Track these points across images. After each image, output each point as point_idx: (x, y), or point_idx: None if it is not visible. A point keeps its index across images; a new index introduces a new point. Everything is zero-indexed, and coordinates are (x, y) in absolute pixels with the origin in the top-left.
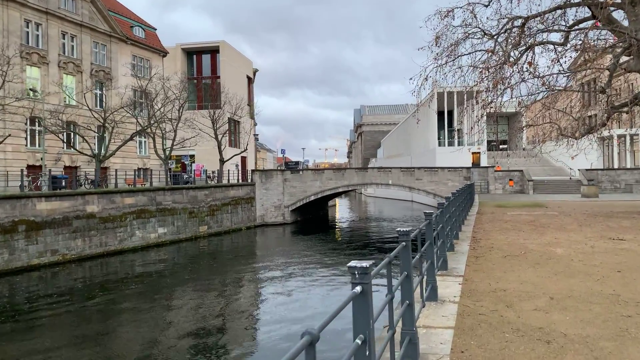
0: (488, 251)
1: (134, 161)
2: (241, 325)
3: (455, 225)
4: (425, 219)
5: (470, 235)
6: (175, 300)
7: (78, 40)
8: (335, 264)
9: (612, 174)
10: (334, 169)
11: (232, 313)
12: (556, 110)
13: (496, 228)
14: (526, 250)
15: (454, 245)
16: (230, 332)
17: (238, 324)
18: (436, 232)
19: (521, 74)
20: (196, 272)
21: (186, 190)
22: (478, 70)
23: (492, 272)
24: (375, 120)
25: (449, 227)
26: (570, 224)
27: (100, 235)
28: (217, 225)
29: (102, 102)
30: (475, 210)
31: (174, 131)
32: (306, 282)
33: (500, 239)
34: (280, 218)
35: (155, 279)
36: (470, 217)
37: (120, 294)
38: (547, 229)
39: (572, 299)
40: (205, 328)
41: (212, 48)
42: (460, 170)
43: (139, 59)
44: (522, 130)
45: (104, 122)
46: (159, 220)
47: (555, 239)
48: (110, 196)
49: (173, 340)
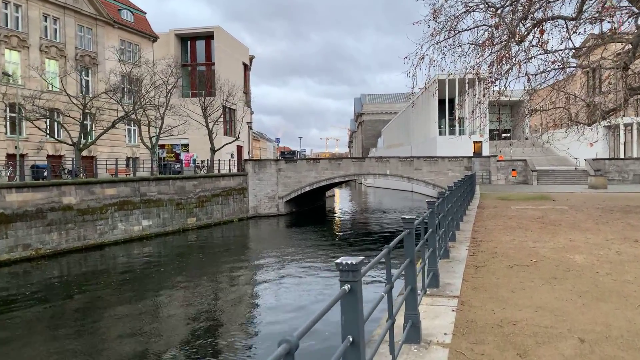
0: (491, 258)
1: (123, 150)
2: (230, 324)
3: (451, 225)
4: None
5: (470, 235)
6: (160, 297)
7: (61, 23)
8: (330, 258)
9: (620, 164)
10: (329, 159)
11: (221, 311)
12: (566, 95)
13: (499, 226)
14: (537, 257)
15: (449, 251)
16: (218, 332)
17: (227, 323)
18: (426, 238)
19: (528, 51)
20: (183, 266)
21: (173, 180)
22: (480, 47)
23: (496, 291)
24: (375, 109)
25: (442, 230)
26: (585, 221)
27: (78, 228)
28: (206, 217)
29: (87, 88)
30: (475, 204)
31: (160, 118)
32: (300, 277)
33: (505, 240)
34: (274, 209)
35: (139, 274)
36: (471, 211)
37: (101, 292)
38: (558, 228)
39: (613, 343)
40: (192, 328)
41: (207, 34)
42: (461, 159)
43: (127, 43)
44: (529, 116)
45: (83, 108)
46: (144, 212)
47: (570, 241)
48: (90, 187)
49: (157, 341)
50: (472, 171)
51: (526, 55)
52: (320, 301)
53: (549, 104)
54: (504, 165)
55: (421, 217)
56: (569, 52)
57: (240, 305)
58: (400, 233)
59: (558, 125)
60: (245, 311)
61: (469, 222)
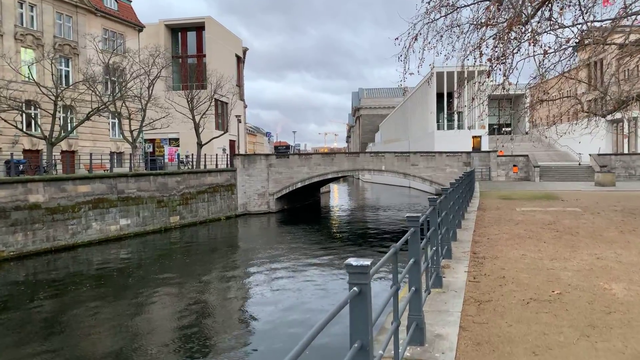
0: (498, 286)
1: (107, 144)
2: (215, 333)
3: (446, 238)
4: None
5: (470, 248)
6: (139, 303)
7: (38, 10)
8: (323, 258)
9: (626, 160)
10: (322, 154)
11: (205, 318)
12: (578, 84)
13: (505, 235)
14: (560, 286)
15: (443, 275)
16: (202, 340)
17: (211, 331)
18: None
19: (536, 30)
20: (165, 269)
21: (154, 176)
22: (481, 28)
23: (510, 352)
24: (373, 104)
25: (432, 250)
26: (606, 228)
27: (47, 228)
28: (191, 215)
29: (67, 79)
30: (475, 204)
31: (142, 110)
32: (290, 279)
33: (514, 257)
34: (264, 207)
35: (115, 277)
36: (470, 215)
37: (71, 297)
38: (577, 238)
39: None
40: (174, 337)
41: (198, 24)
42: (460, 155)
43: (111, 33)
44: (538, 105)
45: (55, 99)
46: (121, 211)
47: (597, 258)
48: (60, 184)
49: (132, 355)
50: (471, 167)
51: (533, 35)
52: (314, 310)
53: (557, 94)
54: (505, 161)
55: (423, 215)
56: (591, 25)
57: (227, 311)
58: (397, 231)
59: (571, 118)
60: (233, 319)
61: (467, 228)
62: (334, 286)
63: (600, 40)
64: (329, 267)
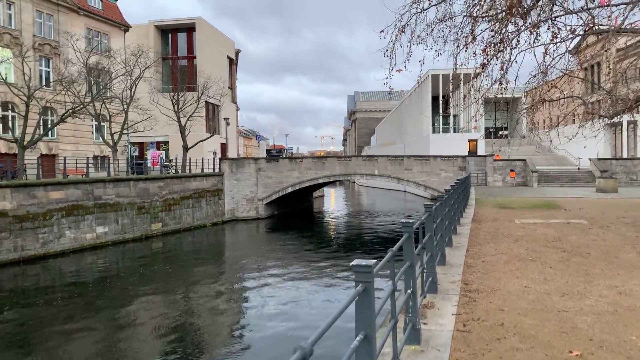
0: (494, 342)
1: (90, 148)
2: (198, 349)
3: (430, 265)
4: None
5: (460, 277)
6: (115, 316)
7: (16, 8)
8: (313, 267)
9: (627, 164)
10: (313, 158)
11: (188, 333)
12: (574, 85)
13: (503, 255)
14: (579, 342)
15: (422, 323)
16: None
17: (194, 347)
18: None
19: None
20: (144, 279)
21: (135, 182)
22: (476, 19)
23: None
24: (369, 107)
25: (409, 292)
26: (621, 247)
27: (14, 237)
28: (174, 222)
29: (47, 79)
30: (470, 214)
31: (124, 112)
32: (277, 290)
33: (515, 289)
34: (253, 212)
35: (89, 289)
36: (463, 227)
37: (39, 311)
38: (589, 261)
39: None
40: (153, 355)
41: (188, 25)
42: (455, 159)
43: (96, 32)
44: (540, 105)
45: (27, 100)
46: (98, 218)
47: (619, 292)
48: (30, 190)
49: None
50: (466, 172)
51: (533, 26)
52: (304, 322)
53: (559, 95)
54: (502, 166)
55: (418, 222)
56: (601, 11)
57: (212, 325)
58: (390, 239)
59: (579, 120)
60: (218, 334)
61: (460, 246)
62: (324, 296)
63: (613, 28)
64: (319, 276)
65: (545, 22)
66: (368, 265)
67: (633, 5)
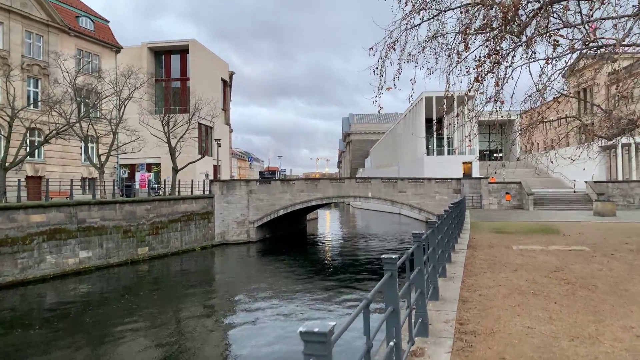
0: None
1: (78, 170)
2: None
3: (419, 305)
4: None
5: (455, 315)
6: (96, 346)
7: (5, 29)
8: (305, 294)
9: (624, 187)
10: (306, 180)
11: None
12: (569, 108)
13: (502, 289)
14: None
15: None
16: None
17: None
18: None
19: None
20: (129, 306)
21: (121, 204)
22: (470, 35)
23: None
24: (363, 129)
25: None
26: (629, 278)
27: None
28: (161, 246)
29: (35, 100)
30: (465, 240)
31: (112, 133)
32: (268, 317)
33: (517, 332)
34: (244, 236)
35: (70, 317)
36: (458, 255)
37: (16, 340)
38: (597, 295)
39: None
40: None
41: (182, 47)
42: (450, 181)
43: (86, 53)
44: (536, 125)
45: (10, 120)
46: (82, 242)
47: (636, 335)
48: (9, 213)
49: None
50: (461, 194)
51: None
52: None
53: (555, 116)
54: (497, 188)
55: (404, 256)
56: (602, 23)
57: (199, 355)
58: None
59: (580, 142)
60: None
61: (454, 277)
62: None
63: (614, 42)
64: (310, 302)
65: (542, 37)
66: (393, 258)
67: (636, 19)
